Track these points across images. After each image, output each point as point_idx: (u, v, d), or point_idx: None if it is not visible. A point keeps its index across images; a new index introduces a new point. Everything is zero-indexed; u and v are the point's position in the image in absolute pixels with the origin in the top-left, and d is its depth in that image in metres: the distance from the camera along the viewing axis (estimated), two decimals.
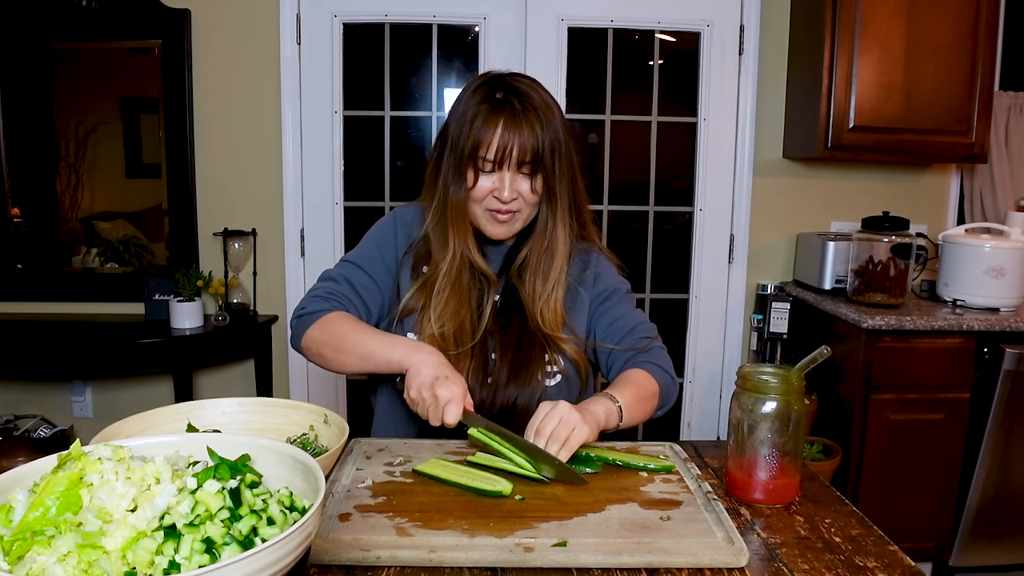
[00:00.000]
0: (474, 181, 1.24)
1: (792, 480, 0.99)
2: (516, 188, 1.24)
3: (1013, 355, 2.27)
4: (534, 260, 1.31)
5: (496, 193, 1.24)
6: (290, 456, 0.77)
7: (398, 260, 1.35)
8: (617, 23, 2.75)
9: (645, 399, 1.23)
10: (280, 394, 2.85)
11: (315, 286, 1.33)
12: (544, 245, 1.30)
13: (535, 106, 1.23)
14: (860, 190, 2.86)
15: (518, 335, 1.29)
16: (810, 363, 0.98)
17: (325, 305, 1.27)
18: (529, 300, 1.30)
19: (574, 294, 1.34)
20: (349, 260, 1.35)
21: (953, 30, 2.47)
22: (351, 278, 1.31)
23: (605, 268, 1.38)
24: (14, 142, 2.72)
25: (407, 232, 1.36)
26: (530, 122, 1.21)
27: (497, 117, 1.21)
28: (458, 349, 1.26)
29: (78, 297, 2.78)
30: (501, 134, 1.21)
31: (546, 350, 1.29)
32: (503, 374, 1.27)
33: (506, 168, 1.23)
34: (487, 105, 1.23)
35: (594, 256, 1.38)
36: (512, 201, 1.25)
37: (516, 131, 1.20)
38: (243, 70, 2.71)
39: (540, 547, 0.83)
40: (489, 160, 1.22)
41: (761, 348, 2.76)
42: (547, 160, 1.24)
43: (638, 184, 2.87)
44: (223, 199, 2.77)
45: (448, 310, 1.27)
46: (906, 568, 0.82)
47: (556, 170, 1.25)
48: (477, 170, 1.24)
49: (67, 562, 0.58)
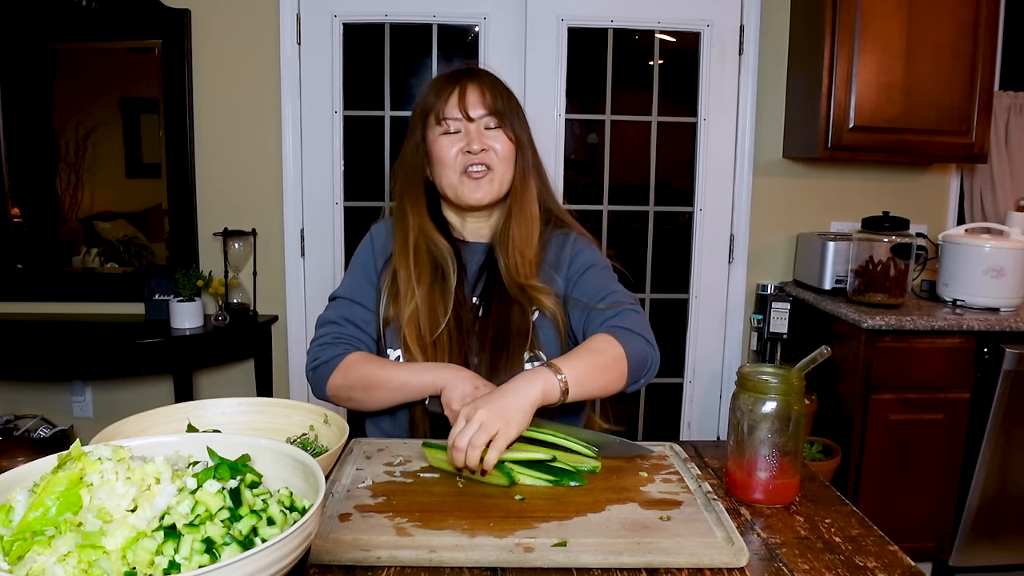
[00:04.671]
0: (424, 135, 1.32)
1: (792, 480, 0.99)
2: (484, 141, 1.29)
3: (1013, 355, 2.27)
4: (516, 213, 1.33)
5: (467, 147, 1.28)
6: (290, 456, 0.77)
7: (379, 276, 1.37)
8: (617, 23, 2.75)
9: (604, 366, 1.14)
10: (280, 394, 2.85)
11: (318, 334, 1.34)
12: (526, 196, 1.34)
13: (486, 71, 1.35)
14: (860, 190, 2.86)
15: (496, 326, 1.28)
16: (810, 363, 0.98)
17: (338, 351, 1.29)
18: (510, 254, 1.31)
19: (548, 276, 1.33)
20: (342, 296, 1.36)
21: (953, 30, 2.47)
22: (350, 316, 1.33)
23: (583, 247, 1.37)
24: (14, 142, 2.72)
25: (383, 247, 1.38)
26: (481, 79, 1.31)
27: (449, 83, 1.31)
28: (433, 335, 1.27)
29: (78, 297, 2.78)
30: (455, 92, 1.29)
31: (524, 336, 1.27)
32: (483, 372, 1.26)
33: (471, 122, 1.29)
34: (439, 78, 1.35)
35: (572, 238, 1.37)
36: (482, 152, 1.28)
37: (469, 87, 1.29)
38: (243, 70, 2.71)
39: (540, 547, 0.83)
40: (444, 117, 1.29)
41: (761, 348, 2.76)
42: (507, 111, 1.31)
43: (638, 184, 2.87)
44: (223, 199, 2.77)
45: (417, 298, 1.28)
46: (906, 568, 0.82)
47: (517, 123, 1.32)
48: (432, 131, 1.31)
49: (67, 562, 0.58)
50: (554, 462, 1.03)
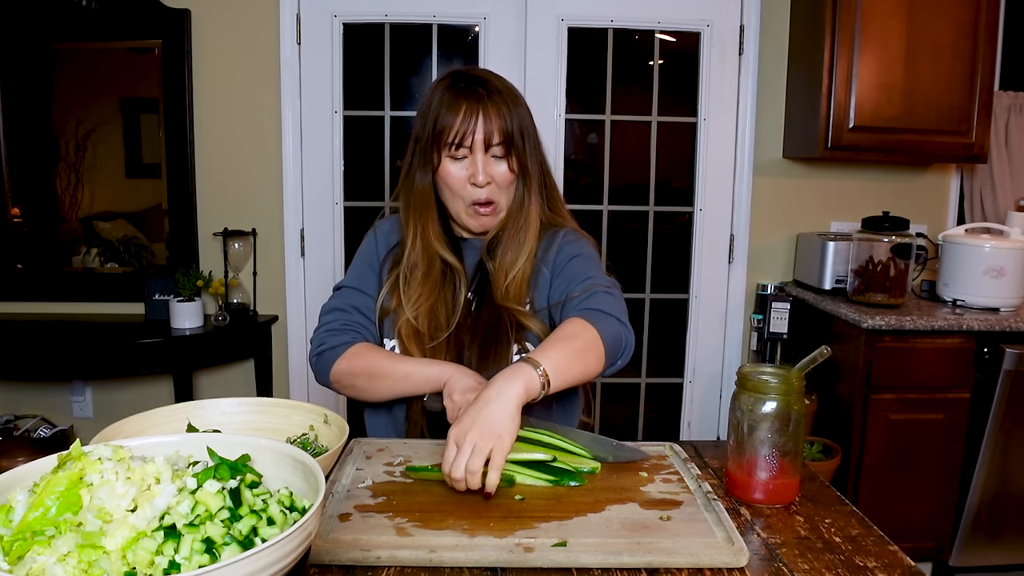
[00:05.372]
0: (438, 162, 1.27)
1: (792, 480, 0.99)
2: (489, 172, 1.27)
3: (1013, 355, 2.27)
4: (508, 236, 1.32)
5: (472, 179, 1.26)
6: (290, 456, 0.77)
7: (381, 266, 1.38)
8: (617, 23, 2.75)
9: (580, 352, 1.10)
10: (280, 394, 2.85)
11: (324, 320, 1.34)
12: (520, 222, 1.32)
13: (498, 89, 1.27)
14: (860, 190, 2.86)
15: (486, 320, 1.30)
16: (810, 363, 0.98)
17: (345, 338, 1.29)
18: (497, 275, 1.31)
19: (537, 272, 1.34)
20: (346, 286, 1.37)
21: (953, 30, 2.47)
22: (357, 305, 1.34)
23: (572, 239, 1.36)
24: (14, 142, 2.72)
25: (386, 241, 1.39)
26: (496, 105, 1.25)
27: (460, 102, 1.25)
28: (434, 341, 1.28)
29: (78, 297, 2.78)
30: (464, 116, 1.24)
31: (513, 330, 1.28)
32: (473, 363, 1.27)
33: (477, 152, 1.25)
34: (450, 93, 1.27)
35: (560, 234, 1.37)
36: (487, 185, 1.27)
37: (481, 113, 1.24)
38: (243, 70, 2.71)
39: (540, 547, 0.83)
40: (454, 144, 1.25)
41: (761, 348, 2.76)
42: (517, 140, 1.27)
43: (638, 184, 2.87)
44: (223, 199, 2.77)
45: (421, 300, 1.29)
46: (906, 568, 0.82)
47: (527, 148, 1.29)
48: (441, 156, 1.27)
49: (67, 562, 0.58)
50: (555, 462, 1.03)
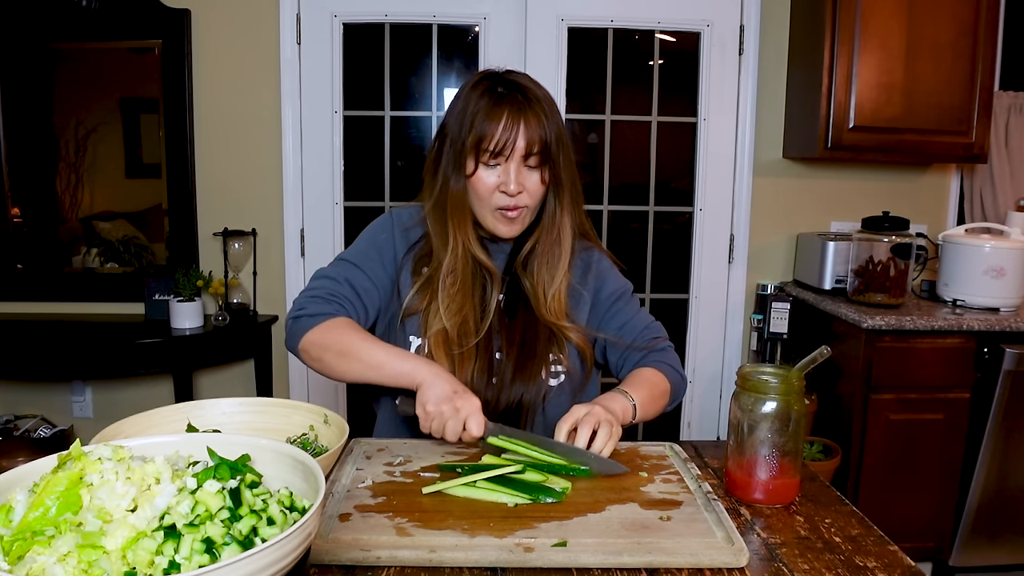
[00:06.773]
0: (473, 169, 1.24)
1: (792, 480, 0.99)
2: (522, 182, 1.24)
3: (1013, 355, 2.27)
4: (542, 251, 1.30)
5: (503, 187, 1.23)
6: (290, 456, 0.77)
7: (397, 261, 1.33)
8: (617, 23, 2.75)
9: (657, 397, 1.28)
10: (280, 394, 2.85)
11: (312, 285, 1.29)
12: (553, 236, 1.30)
13: (538, 98, 1.25)
14: (860, 190, 2.86)
15: (523, 331, 1.29)
16: (810, 363, 0.98)
17: (327, 308, 1.24)
18: (535, 290, 1.30)
19: (576, 294, 1.34)
20: (347, 259, 1.32)
21: (953, 30, 2.47)
22: (351, 279, 1.29)
23: (607, 269, 1.39)
24: (14, 142, 2.72)
25: (405, 233, 1.35)
26: (536, 114, 1.23)
27: (501, 110, 1.22)
28: (462, 347, 1.25)
29: (78, 297, 2.78)
30: (505, 126, 1.21)
31: (551, 343, 1.28)
32: (508, 371, 1.26)
33: (512, 160, 1.23)
34: (490, 99, 1.23)
35: (595, 257, 1.38)
36: (519, 195, 1.24)
37: (522, 123, 1.21)
38: (243, 70, 2.71)
39: (540, 547, 0.83)
40: (492, 152, 1.22)
41: (761, 348, 2.76)
42: (554, 151, 1.25)
43: (638, 184, 2.87)
44: (223, 199, 2.77)
45: (453, 307, 1.26)
46: (906, 568, 0.82)
47: (562, 160, 1.27)
48: (478, 163, 1.24)
49: (67, 562, 0.58)
50: (523, 472, 1.00)
